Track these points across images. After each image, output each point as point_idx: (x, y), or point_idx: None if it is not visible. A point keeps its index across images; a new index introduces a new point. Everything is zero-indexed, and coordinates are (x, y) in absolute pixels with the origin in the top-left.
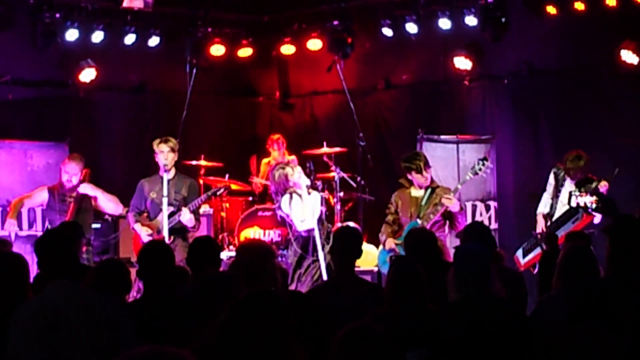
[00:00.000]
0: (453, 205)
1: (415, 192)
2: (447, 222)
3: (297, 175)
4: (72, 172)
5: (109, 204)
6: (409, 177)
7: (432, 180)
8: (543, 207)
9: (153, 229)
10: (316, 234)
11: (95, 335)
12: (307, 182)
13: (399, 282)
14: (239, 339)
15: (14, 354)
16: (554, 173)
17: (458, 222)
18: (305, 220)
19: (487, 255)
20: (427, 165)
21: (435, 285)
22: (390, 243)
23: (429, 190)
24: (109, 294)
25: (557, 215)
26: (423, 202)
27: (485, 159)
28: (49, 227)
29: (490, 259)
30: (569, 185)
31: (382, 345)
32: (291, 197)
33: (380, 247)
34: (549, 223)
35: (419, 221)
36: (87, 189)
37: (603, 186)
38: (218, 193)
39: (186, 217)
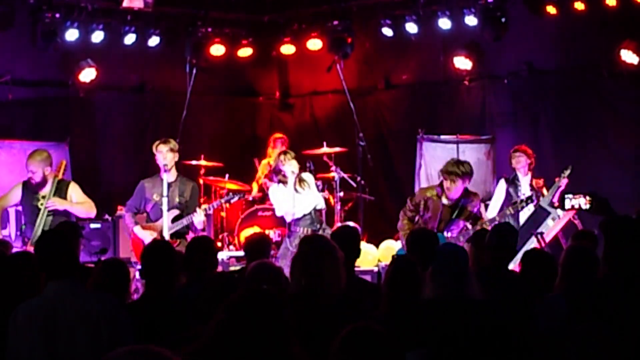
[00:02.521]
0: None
1: (446, 201)
2: None
3: (289, 165)
4: (34, 170)
5: (79, 213)
6: (445, 183)
7: (466, 190)
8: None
9: (156, 231)
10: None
11: (94, 335)
12: (295, 169)
13: (397, 282)
14: (235, 338)
15: (12, 354)
16: (507, 186)
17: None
18: (286, 212)
19: (465, 256)
20: (469, 175)
21: None
22: None
23: (461, 202)
24: (108, 294)
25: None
26: (454, 216)
27: (530, 198)
28: (23, 227)
29: (467, 259)
30: (525, 187)
31: (383, 345)
32: (278, 185)
33: (399, 245)
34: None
35: (447, 234)
36: (55, 204)
37: (563, 183)
38: (232, 200)
39: (200, 217)
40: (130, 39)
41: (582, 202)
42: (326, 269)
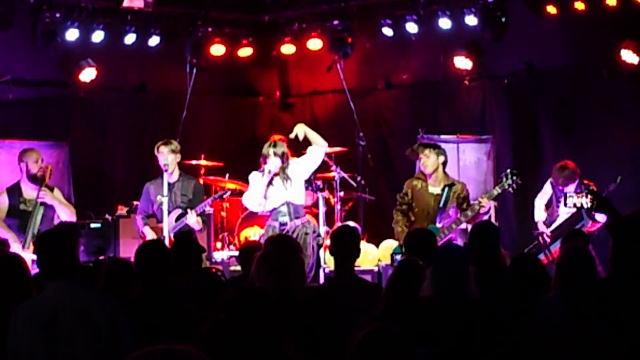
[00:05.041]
0: (487, 207)
1: (433, 189)
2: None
3: (271, 162)
4: (40, 158)
5: (63, 214)
6: (418, 161)
7: (446, 177)
8: (539, 214)
9: (160, 232)
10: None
11: (94, 335)
12: (273, 167)
13: (400, 282)
14: (230, 336)
15: (12, 354)
16: (551, 184)
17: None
18: (253, 203)
19: (465, 256)
20: (439, 154)
21: None
22: None
23: (445, 190)
24: (107, 294)
25: (559, 221)
26: (441, 204)
27: (516, 173)
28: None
29: (468, 260)
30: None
31: (401, 348)
32: (262, 174)
33: (394, 243)
34: (549, 230)
35: (438, 225)
36: (46, 197)
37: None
38: (224, 196)
39: (192, 219)
40: (130, 39)
41: (584, 200)
42: (292, 269)
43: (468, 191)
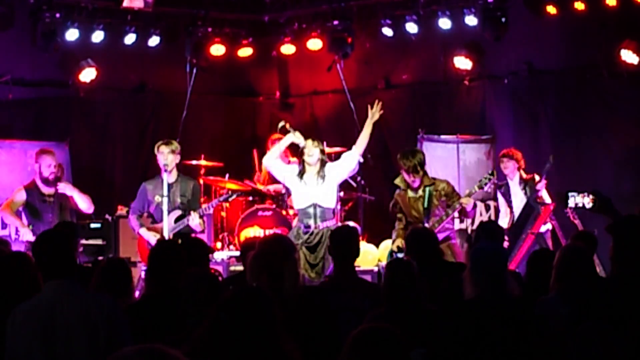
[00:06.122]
0: (470, 204)
1: (412, 194)
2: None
3: (307, 155)
4: (53, 163)
5: (83, 203)
6: (401, 171)
7: (426, 178)
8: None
9: (160, 232)
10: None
11: (92, 336)
12: (310, 159)
13: (394, 283)
14: (229, 336)
15: (10, 354)
16: (500, 192)
17: (468, 212)
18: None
19: (504, 254)
20: (420, 166)
21: (437, 285)
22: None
23: (427, 191)
24: (105, 294)
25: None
26: (425, 205)
27: (492, 173)
28: (31, 227)
29: (507, 258)
30: (516, 190)
31: (396, 347)
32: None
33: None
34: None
35: (427, 225)
36: (65, 188)
37: (542, 183)
38: (230, 199)
39: (195, 221)
40: (130, 39)
41: (586, 200)
42: (286, 269)
43: (453, 186)
